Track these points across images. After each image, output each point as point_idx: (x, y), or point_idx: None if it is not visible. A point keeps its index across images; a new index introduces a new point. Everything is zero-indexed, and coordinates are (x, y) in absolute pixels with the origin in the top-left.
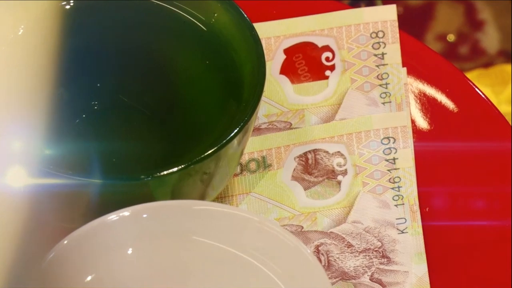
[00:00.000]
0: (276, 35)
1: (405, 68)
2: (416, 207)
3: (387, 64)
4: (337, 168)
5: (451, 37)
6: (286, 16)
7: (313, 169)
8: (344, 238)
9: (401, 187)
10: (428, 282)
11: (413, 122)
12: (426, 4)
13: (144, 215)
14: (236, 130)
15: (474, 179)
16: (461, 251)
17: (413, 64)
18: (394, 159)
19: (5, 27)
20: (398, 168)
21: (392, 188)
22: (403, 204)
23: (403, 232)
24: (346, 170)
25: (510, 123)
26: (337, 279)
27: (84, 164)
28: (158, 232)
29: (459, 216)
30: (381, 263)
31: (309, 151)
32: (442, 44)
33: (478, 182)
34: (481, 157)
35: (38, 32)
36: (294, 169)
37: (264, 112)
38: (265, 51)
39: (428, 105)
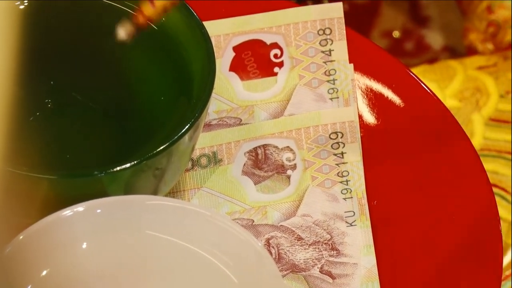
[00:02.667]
0: (225, 33)
1: (352, 64)
2: (364, 201)
3: (334, 61)
4: (286, 162)
5: (396, 34)
6: (235, 14)
7: (263, 164)
8: (294, 231)
9: (349, 181)
10: (377, 274)
11: (360, 117)
12: (371, 1)
13: (98, 210)
14: (187, 127)
15: (420, 172)
16: (409, 244)
17: (360, 60)
18: (342, 153)
19: None
20: (346, 162)
21: (341, 182)
22: (351, 197)
23: (351, 225)
24: (295, 164)
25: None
26: (287, 271)
27: (38, 160)
28: (112, 227)
29: (407, 209)
30: (330, 256)
31: (259, 147)
32: (387, 40)
33: (424, 175)
34: (427, 150)
35: None
36: (244, 164)
37: (214, 108)
38: (214, 49)
39: (375, 100)
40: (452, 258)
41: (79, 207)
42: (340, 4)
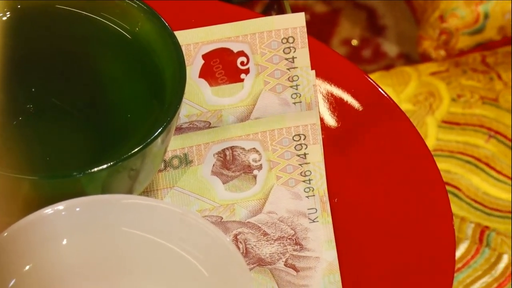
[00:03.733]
0: (195, 41)
1: (313, 71)
2: (326, 198)
3: (297, 67)
4: (252, 163)
5: (354, 42)
6: (204, 24)
7: (231, 164)
8: (260, 227)
9: (311, 180)
10: (338, 267)
11: (321, 120)
12: (331, 11)
13: (77, 209)
14: (159, 130)
15: (378, 171)
16: (368, 238)
17: (321, 67)
18: (305, 154)
19: None
20: (309, 163)
21: (304, 181)
22: (313, 195)
23: (314, 221)
24: (261, 165)
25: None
26: (254, 265)
27: (21, 162)
28: (91, 224)
29: (365, 205)
30: (294, 250)
31: (227, 148)
32: (347, 48)
33: (382, 174)
34: (384, 150)
35: None
36: (214, 165)
37: (185, 112)
38: (185, 57)
39: (335, 104)
40: (408, 250)
41: (60, 206)
42: (302, 14)
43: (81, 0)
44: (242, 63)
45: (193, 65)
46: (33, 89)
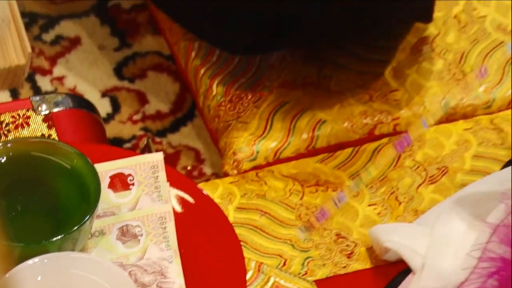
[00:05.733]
0: (104, 169)
1: (168, 183)
2: (177, 250)
3: (159, 181)
4: (138, 233)
5: (189, 167)
6: (109, 159)
7: (126, 234)
8: (142, 267)
9: (169, 240)
10: (185, 286)
11: (173, 209)
12: (175, 152)
13: (45, 260)
14: (87, 217)
15: (202, 238)
16: (196, 272)
17: (172, 181)
18: (165, 227)
19: None
20: (167, 231)
21: (165, 241)
22: (171, 248)
23: (171, 263)
24: (142, 234)
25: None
26: (140, 287)
27: (11, 237)
28: (53, 268)
29: (195, 255)
30: (161, 279)
31: (124, 225)
32: (185, 171)
33: (204, 239)
34: (205, 229)
35: None
36: (117, 235)
37: (100, 207)
38: (100, 177)
39: (181, 203)
40: (219, 277)
41: (36, 259)
42: (161, 153)
43: (44, 148)
44: (130, 180)
45: (104, 182)
46: (19, 197)
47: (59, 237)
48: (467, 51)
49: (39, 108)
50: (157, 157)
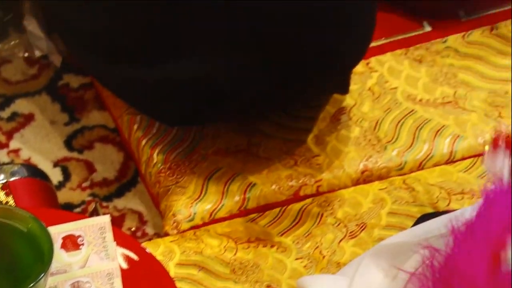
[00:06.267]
0: (58, 231)
1: (115, 242)
2: None
3: (107, 241)
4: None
5: (133, 228)
6: (61, 222)
7: None
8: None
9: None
10: None
11: (120, 266)
12: (120, 215)
13: None
14: (42, 275)
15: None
16: None
17: (119, 240)
18: (112, 282)
19: None
20: (115, 286)
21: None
22: None
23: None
24: (90, 286)
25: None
26: None
27: None
28: None
29: None
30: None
31: (75, 281)
32: (129, 232)
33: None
34: (149, 276)
35: None
36: None
37: (53, 266)
38: (53, 239)
39: (126, 259)
40: None
41: None
42: (108, 216)
43: (2, 213)
44: (80, 240)
45: (57, 243)
46: None
47: None
48: (381, 119)
49: None
50: (104, 220)
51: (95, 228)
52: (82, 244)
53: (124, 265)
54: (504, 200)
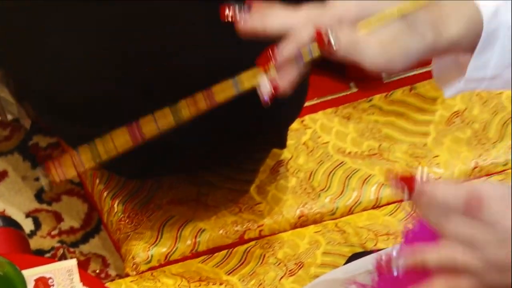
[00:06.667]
0: (30, 275)
1: (81, 283)
2: None
3: (74, 282)
4: None
5: (97, 271)
6: (33, 266)
7: None
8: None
9: None
10: None
11: None
12: (86, 259)
13: None
14: None
15: None
16: None
17: (85, 282)
18: None
19: None
20: None
21: None
22: None
23: None
24: None
25: None
26: None
27: None
28: None
29: None
30: None
31: None
32: (94, 274)
33: None
34: None
35: None
36: None
37: None
38: (26, 281)
39: None
40: None
41: None
42: (75, 260)
43: None
44: (50, 282)
45: (30, 285)
46: None
47: None
48: (314, 170)
49: None
50: (72, 263)
51: (64, 271)
52: (53, 285)
53: None
54: (420, 238)
